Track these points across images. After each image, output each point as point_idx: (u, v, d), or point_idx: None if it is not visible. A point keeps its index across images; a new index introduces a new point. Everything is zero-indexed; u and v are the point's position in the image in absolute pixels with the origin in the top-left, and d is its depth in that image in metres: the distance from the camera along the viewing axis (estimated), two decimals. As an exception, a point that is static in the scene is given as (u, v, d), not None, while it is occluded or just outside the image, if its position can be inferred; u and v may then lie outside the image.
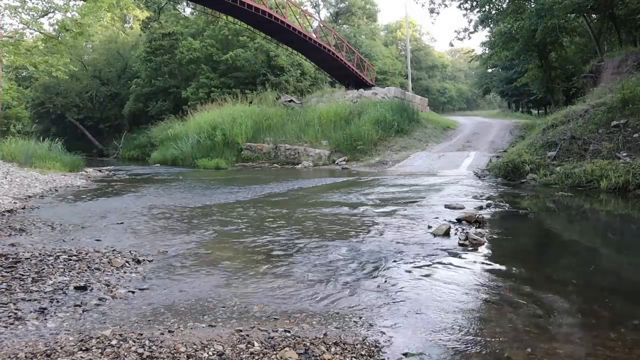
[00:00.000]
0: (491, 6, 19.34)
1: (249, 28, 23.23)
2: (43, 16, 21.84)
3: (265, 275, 3.44)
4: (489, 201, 6.83)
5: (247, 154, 17.74)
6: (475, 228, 4.95)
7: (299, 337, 2.34)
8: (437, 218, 5.50)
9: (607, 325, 2.55)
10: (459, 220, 5.27)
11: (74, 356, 2.05)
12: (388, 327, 2.53)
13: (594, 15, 18.01)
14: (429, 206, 6.57)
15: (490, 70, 35.18)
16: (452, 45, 40.74)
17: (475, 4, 19.54)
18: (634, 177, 7.54)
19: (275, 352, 2.16)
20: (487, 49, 23.91)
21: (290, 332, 2.40)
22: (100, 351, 2.09)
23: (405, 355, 2.21)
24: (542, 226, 5.94)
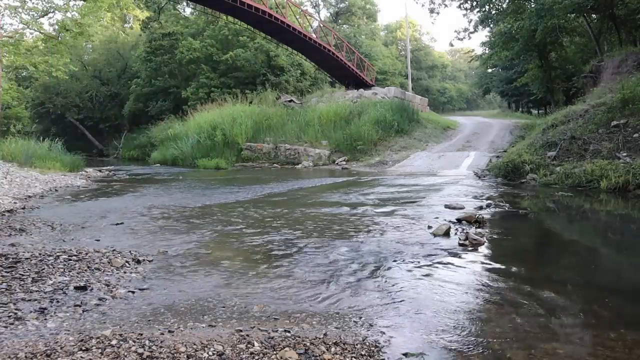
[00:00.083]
0: (491, 6, 19.35)
1: (249, 28, 23.23)
2: (43, 16, 21.86)
3: (265, 275, 3.44)
4: (489, 201, 6.83)
5: (247, 154, 17.74)
6: (475, 228, 4.95)
7: (299, 337, 2.34)
8: (437, 218, 5.50)
9: (607, 325, 2.55)
10: (459, 220, 5.27)
11: (74, 356, 2.05)
12: (388, 327, 2.53)
13: (594, 15, 18.02)
14: (429, 206, 6.57)
15: (490, 70, 35.19)
16: (452, 45, 40.78)
17: (475, 4, 19.54)
18: (634, 177, 7.54)
19: (275, 352, 2.16)
20: (487, 49, 23.92)
21: (290, 332, 2.40)
22: (100, 351, 2.09)
23: (405, 355, 2.21)
24: (542, 226, 5.94)
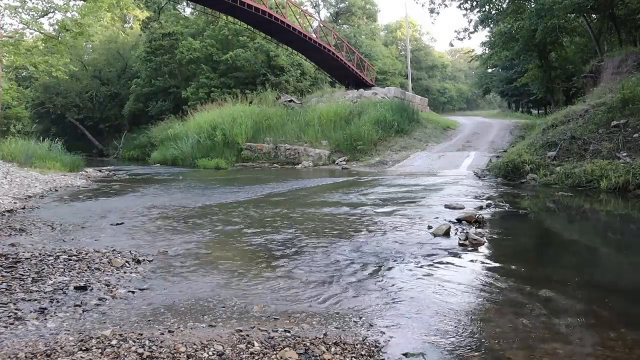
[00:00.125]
0: (491, 6, 19.35)
1: (249, 28, 23.23)
2: (43, 16, 21.86)
3: (265, 275, 3.44)
4: (489, 201, 6.83)
5: (247, 154, 17.74)
6: (475, 228, 4.95)
7: (299, 337, 2.34)
8: (437, 218, 5.50)
9: (607, 325, 2.55)
10: (459, 220, 5.27)
11: (74, 356, 2.05)
12: (388, 327, 2.53)
13: (594, 15, 18.02)
14: (429, 206, 6.57)
15: (490, 70, 35.20)
16: (452, 45, 40.77)
17: (475, 4, 19.54)
18: (634, 177, 7.54)
19: (275, 352, 2.16)
20: (487, 49, 23.92)
21: (290, 332, 2.40)
22: (100, 351, 2.09)
23: (405, 355, 2.21)
24: (542, 226, 5.94)
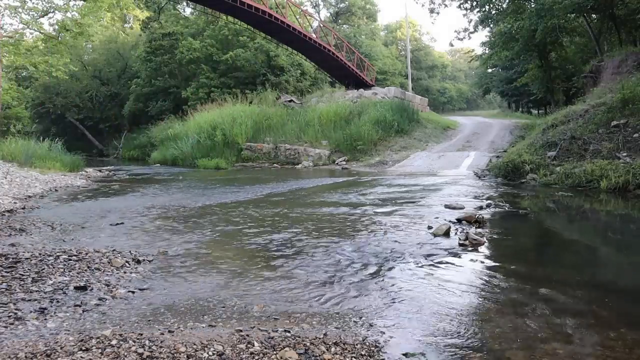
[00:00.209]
0: (491, 6, 19.35)
1: (249, 28, 23.23)
2: (43, 16, 21.84)
3: (265, 275, 3.44)
4: (489, 201, 6.83)
5: (247, 154, 17.74)
6: (475, 228, 4.95)
7: (299, 337, 2.34)
8: (437, 218, 5.50)
9: (607, 325, 2.55)
10: (459, 220, 5.27)
11: (74, 356, 2.05)
12: (388, 327, 2.53)
13: (594, 15, 18.01)
14: (429, 206, 6.57)
15: (490, 70, 35.19)
16: (452, 45, 40.76)
17: (475, 4, 19.54)
18: (634, 177, 7.54)
19: (275, 352, 2.16)
20: (487, 49, 23.92)
21: (290, 332, 2.40)
22: (100, 351, 2.09)
23: (405, 355, 2.21)
24: (542, 226, 5.94)
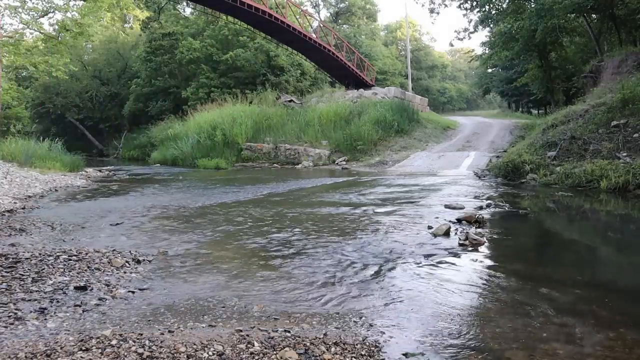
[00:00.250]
0: (491, 6, 19.34)
1: (249, 28, 23.22)
2: (43, 16, 21.83)
3: (265, 275, 3.44)
4: (489, 201, 6.83)
5: (247, 154, 17.74)
6: (475, 228, 4.95)
7: (299, 337, 2.34)
8: (437, 218, 5.50)
9: (607, 325, 2.55)
10: (459, 220, 5.27)
11: (74, 356, 2.05)
12: (388, 327, 2.53)
13: (594, 15, 18.01)
14: (429, 206, 6.57)
15: (490, 70, 35.18)
16: (452, 45, 40.78)
17: (475, 4, 19.54)
18: (634, 177, 7.54)
19: (275, 352, 2.16)
20: (487, 49, 23.92)
21: (290, 332, 2.41)
22: (100, 351, 2.09)
23: (405, 355, 2.21)
24: (542, 226, 5.94)
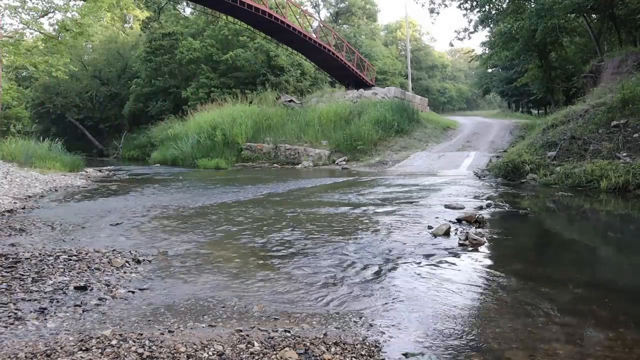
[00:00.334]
0: (491, 6, 19.35)
1: (249, 28, 23.22)
2: (43, 16, 21.82)
3: (265, 275, 3.44)
4: (489, 201, 6.83)
5: (247, 154, 17.74)
6: (475, 228, 4.95)
7: (299, 337, 2.34)
8: (437, 218, 5.50)
9: (607, 325, 2.55)
10: (459, 220, 5.27)
11: (74, 356, 2.05)
12: (388, 327, 2.53)
13: (594, 15, 18.02)
14: (429, 206, 6.57)
15: (490, 70, 35.19)
16: (452, 45, 40.82)
17: (475, 4, 19.54)
18: (634, 177, 7.54)
19: (275, 352, 2.16)
20: (487, 49, 23.93)
21: (290, 332, 2.41)
22: (100, 351, 2.09)
23: (405, 355, 2.21)
24: (542, 226, 5.94)
